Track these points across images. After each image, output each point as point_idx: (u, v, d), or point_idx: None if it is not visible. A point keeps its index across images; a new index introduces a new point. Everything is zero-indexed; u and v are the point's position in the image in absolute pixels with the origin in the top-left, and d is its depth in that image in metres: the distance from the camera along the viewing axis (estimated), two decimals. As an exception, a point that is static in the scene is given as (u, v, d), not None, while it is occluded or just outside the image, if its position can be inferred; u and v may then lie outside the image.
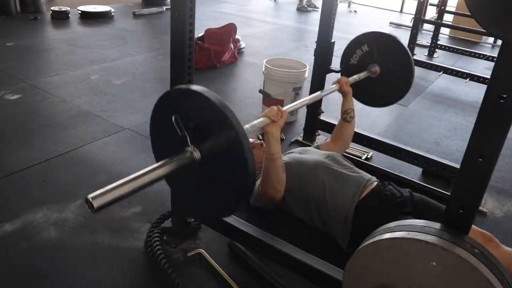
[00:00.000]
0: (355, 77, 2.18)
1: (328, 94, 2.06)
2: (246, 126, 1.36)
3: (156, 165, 1.08)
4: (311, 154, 1.90)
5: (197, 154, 1.13)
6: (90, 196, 0.94)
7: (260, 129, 1.77)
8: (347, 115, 2.11)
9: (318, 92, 1.98)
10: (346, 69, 2.36)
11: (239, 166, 1.07)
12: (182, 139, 1.13)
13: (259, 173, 1.81)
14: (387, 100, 2.39)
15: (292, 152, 1.98)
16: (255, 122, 1.44)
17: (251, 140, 1.98)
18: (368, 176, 1.80)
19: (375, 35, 2.28)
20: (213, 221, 1.69)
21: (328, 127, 2.70)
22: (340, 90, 2.10)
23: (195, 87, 1.11)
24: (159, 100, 1.23)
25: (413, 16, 4.36)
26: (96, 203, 0.94)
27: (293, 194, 1.74)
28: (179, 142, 1.13)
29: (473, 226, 1.42)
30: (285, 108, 1.59)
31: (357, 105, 3.45)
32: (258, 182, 1.71)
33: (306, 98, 1.89)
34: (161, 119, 1.25)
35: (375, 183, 1.76)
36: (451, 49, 5.05)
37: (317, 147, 2.15)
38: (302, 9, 7.57)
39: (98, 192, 0.96)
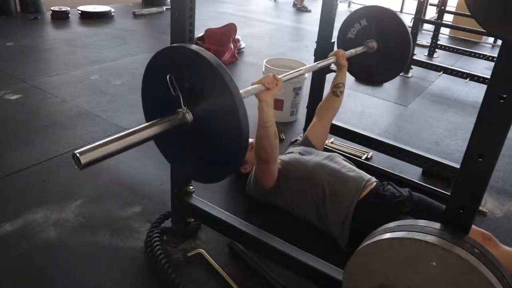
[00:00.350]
0: (352, 51, 2.16)
1: (324, 66, 2.03)
2: (240, 92, 1.35)
3: (146, 124, 1.07)
4: (311, 154, 1.90)
5: (189, 116, 1.11)
6: (77, 151, 0.91)
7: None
8: (337, 89, 2.10)
9: (314, 64, 1.96)
10: (343, 43, 2.33)
11: (233, 130, 1.05)
12: (175, 100, 1.10)
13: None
14: (383, 77, 2.38)
15: (292, 152, 1.98)
16: (249, 88, 1.43)
17: (250, 140, 1.98)
18: (367, 176, 1.80)
19: (374, 9, 2.25)
20: (210, 182, 1.63)
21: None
22: (336, 62, 2.09)
23: (192, 46, 1.09)
24: (153, 58, 1.20)
25: (413, 16, 4.35)
26: (83, 159, 0.92)
27: (293, 195, 1.74)
28: (171, 103, 1.11)
29: (472, 226, 1.43)
30: (280, 76, 1.57)
31: (357, 108, 3.47)
32: (253, 170, 1.70)
33: (302, 68, 1.87)
34: (154, 78, 1.22)
35: (374, 183, 1.76)
36: (451, 49, 5.04)
37: (305, 137, 2.15)
38: (297, 6, 7.61)
39: (85, 148, 0.94)
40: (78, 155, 0.91)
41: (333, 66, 2.58)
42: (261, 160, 1.68)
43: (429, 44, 5.24)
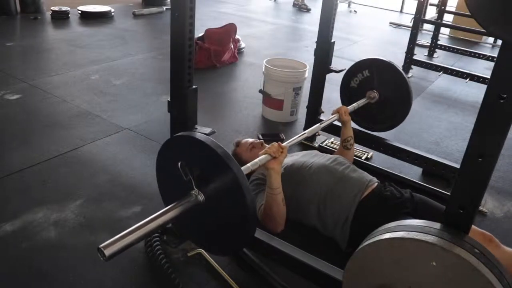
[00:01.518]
0: (354, 105, 2.25)
1: (327, 125, 2.10)
2: (248, 165, 1.43)
3: (164, 209, 1.17)
4: (313, 157, 1.90)
5: (201, 197, 1.21)
6: (101, 245, 0.97)
7: (259, 146, 1.89)
8: (347, 143, 2.14)
9: (317, 125, 2.03)
10: (346, 92, 2.44)
11: (240, 207, 1.16)
12: (186, 182, 1.22)
13: (259, 177, 1.81)
14: (384, 126, 2.47)
15: (294, 155, 1.98)
16: (256, 160, 1.49)
17: (250, 140, 1.98)
18: (369, 177, 1.80)
19: (376, 62, 2.34)
20: (221, 255, 1.74)
21: (328, 127, 2.69)
22: (340, 120, 2.13)
23: (197, 135, 1.21)
24: (164, 146, 1.33)
25: (413, 16, 4.35)
26: (107, 252, 0.98)
27: (294, 199, 1.74)
28: (183, 184, 1.22)
29: (473, 226, 1.43)
30: (285, 143, 1.62)
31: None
32: (260, 200, 1.71)
33: (305, 131, 1.93)
34: (166, 163, 1.36)
35: (376, 183, 1.76)
36: (451, 49, 5.04)
37: None
38: (298, 5, 7.63)
39: (109, 241, 0.99)
40: (102, 249, 0.97)
41: (333, 67, 2.59)
42: (270, 223, 1.68)
43: (429, 44, 5.24)
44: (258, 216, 1.68)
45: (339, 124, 2.20)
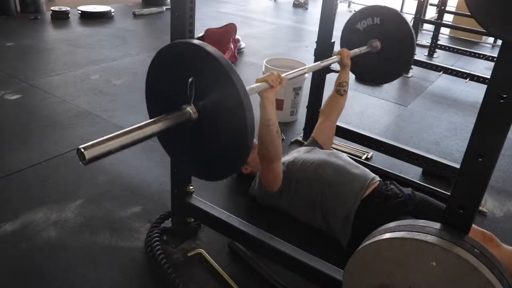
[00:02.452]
0: (356, 51, 2.17)
1: (328, 65, 2.03)
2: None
3: (151, 120, 1.06)
4: (315, 153, 1.90)
5: (194, 113, 1.09)
6: (81, 146, 0.90)
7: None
8: (341, 87, 2.10)
9: (318, 62, 1.96)
10: (347, 38, 2.34)
11: (238, 126, 1.04)
12: (179, 95, 1.08)
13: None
14: (384, 78, 2.39)
15: (295, 152, 1.98)
16: (253, 86, 1.43)
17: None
18: (372, 174, 1.80)
19: (380, 9, 2.26)
20: (213, 180, 1.63)
21: (328, 127, 2.69)
22: (340, 62, 2.09)
23: (195, 41, 1.07)
24: (157, 55, 1.18)
25: (413, 16, 4.36)
26: (88, 154, 0.91)
27: (298, 195, 1.74)
28: (175, 97, 1.10)
29: (473, 225, 1.43)
30: (284, 75, 1.57)
31: (357, 108, 3.47)
32: (257, 176, 1.71)
33: (305, 66, 1.87)
34: (158, 74, 1.22)
35: (378, 182, 1.76)
36: (451, 49, 5.04)
37: (312, 139, 2.15)
38: (298, 4, 7.67)
39: (90, 143, 0.92)
40: (82, 150, 0.90)
41: (333, 66, 2.59)
42: (265, 159, 1.67)
43: (429, 44, 5.24)
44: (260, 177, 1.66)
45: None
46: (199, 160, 1.25)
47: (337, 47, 2.55)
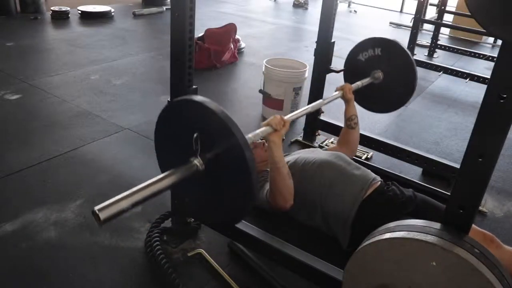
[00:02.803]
0: (358, 84, 2.20)
1: (330, 102, 2.06)
2: (249, 136, 1.39)
3: (161, 176, 1.10)
4: (317, 153, 1.90)
5: (201, 165, 1.15)
6: (96, 208, 0.93)
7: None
8: (351, 121, 2.11)
9: (320, 100, 1.99)
10: (351, 63, 2.36)
11: (242, 175, 1.09)
12: (186, 148, 1.15)
13: (263, 175, 1.81)
14: (385, 107, 2.42)
15: (297, 153, 1.98)
16: (257, 131, 1.47)
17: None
18: (372, 175, 1.79)
19: (390, 44, 2.29)
20: (221, 227, 1.70)
21: (328, 127, 2.70)
22: (343, 97, 2.11)
23: (197, 98, 1.13)
24: (164, 111, 1.26)
25: (413, 16, 4.36)
26: (102, 215, 0.94)
27: (298, 195, 1.74)
28: (183, 150, 1.16)
29: (474, 226, 1.42)
30: (287, 117, 1.60)
31: (357, 108, 3.45)
32: (266, 187, 1.71)
33: (308, 106, 1.90)
34: (165, 128, 1.29)
35: (379, 182, 1.76)
36: (451, 49, 5.05)
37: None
38: (298, 4, 7.68)
39: (104, 204, 0.95)
40: (97, 211, 0.93)
41: (333, 66, 2.59)
42: (280, 206, 1.67)
43: (429, 44, 5.24)
44: (266, 198, 1.67)
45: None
46: (208, 207, 1.31)
47: (337, 47, 2.55)
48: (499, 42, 0.97)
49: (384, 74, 2.28)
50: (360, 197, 1.66)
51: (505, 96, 0.91)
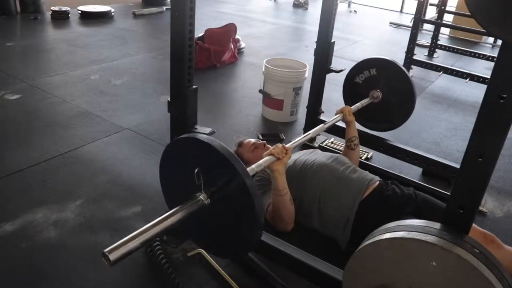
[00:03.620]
0: (358, 105, 2.25)
1: (332, 125, 2.09)
2: (253, 167, 1.43)
3: (169, 213, 1.14)
4: (314, 156, 1.90)
5: (207, 200, 1.18)
6: (106, 250, 0.96)
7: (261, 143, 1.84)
8: (351, 142, 2.13)
9: (321, 125, 2.03)
10: (349, 86, 2.44)
11: (247, 211, 1.13)
12: (191, 183, 1.18)
13: (263, 179, 1.80)
14: (385, 126, 2.47)
15: (296, 154, 1.98)
16: (261, 162, 1.49)
17: (253, 140, 1.98)
18: (370, 176, 1.79)
19: (385, 63, 2.34)
20: (229, 258, 1.72)
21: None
22: (344, 120, 2.13)
23: (202, 137, 1.18)
24: (167, 148, 1.31)
25: (413, 16, 4.35)
26: (112, 256, 0.96)
27: (295, 198, 1.74)
28: (188, 185, 1.20)
29: (474, 226, 1.43)
30: (288, 145, 1.62)
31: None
32: (265, 201, 1.71)
33: (309, 132, 1.93)
34: (169, 165, 1.34)
35: (377, 182, 1.76)
36: (451, 49, 5.04)
37: None
38: (298, 4, 7.70)
39: (113, 245, 0.98)
40: (107, 253, 0.96)
41: (334, 67, 2.59)
42: (279, 226, 1.69)
43: (429, 44, 5.24)
44: (266, 216, 1.68)
45: (343, 125, 2.20)
46: (215, 239, 1.34)
47: (337, 47, 2.55)
48: (499, 42, 0.97)
49: (383, 92, 2.33)
50: (358, 199, 1.66)
51: (505, 96, 0.91)
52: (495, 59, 0.93)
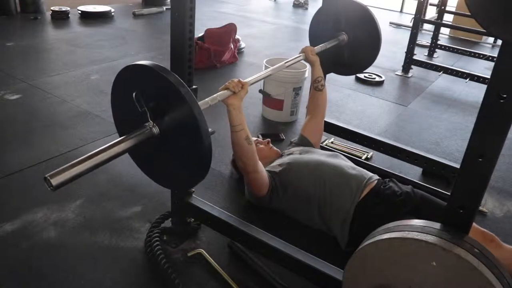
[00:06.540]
0: (322, 46, 2.19)
1: (293, 64, 2.03)
2: (207, 100, 1.38)
3: (115, 141, 1.11)
4: (312, 154, 1.90)
5: (156, 129, 1.16)
6: (48, 174, 0.95)
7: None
8: (317, 83, 2.12)
9: (282, 63, 1.96)
10: (315, 37, 2.39)
11: (196, 139, 1.11)
12: (141, 114, 1.17)
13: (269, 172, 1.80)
14: (354, 69, 2.46)
15: (292, 153, 1.98)
16: (215, 95, 1.45)
17: (255, 138, 1.99)
18: (369, 174, 1.79)
19: (343, 3, 2.30)
20: (180, 191, 1.72)
21: (327, 127, 2.69)
22: (307, 59, 2.10)
23: (147, 63, 1.16)
24: (118, 77, 1.29)
25: (413, 16, 4.35)
26: (54, 181, 0.97)
27: (294, 198, 1.74)
28: (140, 116, 1.18)
29: (474, 225, 1.42)
30: (246, 80, 1.58)
31: (357, 108, 3.47)
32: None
33: (269, 69, 1.87)
34: (120, 94, 1.33)
35: (376, 181, 1.75)
36: (451, 49, 5.04)
37: (301, 136, 2.15)
38: (297, 4, 7.71)
39: (56, 170, 0.98)
40: (49, 178, 0.96)
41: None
42: (244, 171, 1.69)
43: (429, 44, 5.24)
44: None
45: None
46: (168, 172, 1.33)
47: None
48: (499, 42, 0.97)
49: (349, 35, 2.29)
50: (356, 198, 1.66)
51: (505, 96, 0.91)
52: (495, 59, 0.93)
